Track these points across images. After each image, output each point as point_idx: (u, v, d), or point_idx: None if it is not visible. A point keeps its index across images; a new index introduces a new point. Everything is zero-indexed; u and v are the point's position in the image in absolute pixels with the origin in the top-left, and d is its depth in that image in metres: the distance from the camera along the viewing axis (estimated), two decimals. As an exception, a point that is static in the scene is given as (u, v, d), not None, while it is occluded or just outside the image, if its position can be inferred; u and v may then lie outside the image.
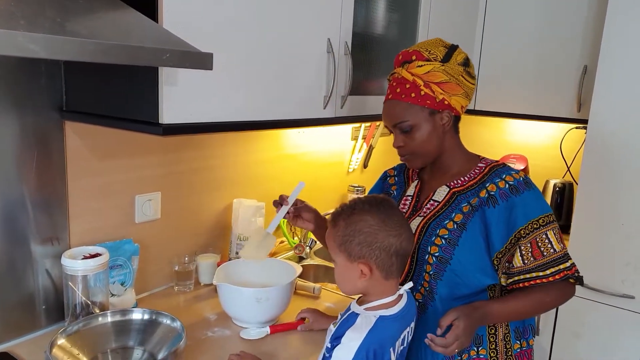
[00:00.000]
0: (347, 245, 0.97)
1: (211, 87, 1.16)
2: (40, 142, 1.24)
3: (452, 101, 1.14)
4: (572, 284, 1.12)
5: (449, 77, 1.12)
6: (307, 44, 1.40)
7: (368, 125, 2.28)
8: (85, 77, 1.24)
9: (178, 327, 1.20)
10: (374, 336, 0.94)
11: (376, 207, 0.98)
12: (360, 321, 0.96)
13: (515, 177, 1.12)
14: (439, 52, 1.14)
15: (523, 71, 2.16)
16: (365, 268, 0.96)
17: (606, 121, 1.80)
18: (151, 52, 0.87)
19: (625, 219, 1.79)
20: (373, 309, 0.98)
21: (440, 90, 1.12)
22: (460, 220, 1.12)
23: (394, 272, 0.99)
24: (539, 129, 2.47)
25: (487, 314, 1.07)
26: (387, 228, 0.96)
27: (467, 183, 1.16)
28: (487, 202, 1.11)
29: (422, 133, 1.14)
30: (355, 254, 0.96)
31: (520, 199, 1.10)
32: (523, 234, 1.08)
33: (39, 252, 1.28)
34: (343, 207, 1.01)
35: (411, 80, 1.13)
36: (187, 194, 1.62)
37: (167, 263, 1.58)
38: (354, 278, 0.98)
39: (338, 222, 0.99)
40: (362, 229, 0.96)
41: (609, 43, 1.77)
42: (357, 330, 0.95)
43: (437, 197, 1.18)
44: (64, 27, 0.79)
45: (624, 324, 1.83)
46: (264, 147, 1.84)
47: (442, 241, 1.11)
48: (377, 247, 0.95)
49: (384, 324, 0.96)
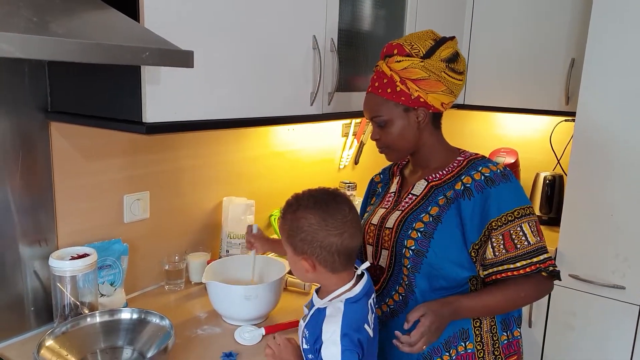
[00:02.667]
0: (292, 240, 0.98)
1: (195, 85, 1.16)
2: (25, 143, 1.24)
3: (429, 98, 1.13)
4: (546, 278, 1.11)
5: (428, 73, 1.11)
6: (293, 41, 1.40)
7: (358, 122, 2.28)
8: (69, 78, 1.24)
9: (167, 325, 1.21)
10: (348, 320, 0.95)
11: (319, 204, 0.97)
12: (330, 311, 0.97)
13: (492, 169, 1.12)
14: (423, 46, 1.12)
15: (511, 65, 2.17)
16: (307, 264, 0.98)
17: (594, 113, 1.81)
18: (130, 50, 0.87)
19: (614, 210, 1.80)
20: (337, 297, 0.99)
21: (415, 87, 1.12)
22: (436, 213, 1.12)
23: (339, 268, 0.98)
24: (529, 123, 2.48)
25: (457, 310, 1.07)
26: (327, 227, 0.95)
27: (445, 176, 1.16)
28: (463, 194, 1.11)
29: (395, 128, 1.15)
30: (299, 249, 0.98)
31: (495, 190, 1.09)
32: (495, 225, 1.08)
33: (27, 253, 1.28)
34: (292, 199, 1.01)
35: (389, 75, 1.13)
36: (176, 193, 1.62)
37: (157, 262, 1.58)
38: (302, 270, 1.00)
39: (286, 216, 1.00)
40: (303, 227, 0.96)
41: (596, 36, 1.77)
42: (331, 321, 0.95)
43: (416, 191, 1.18)
44: (40, 27, 0.78)
45: (615, 314, 1.83)
46: (253, 145, 1.84)
47: (418, 234, 1.12)
48: (318, 246, 0.95)
49: (352, 307, 0.97)
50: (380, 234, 1.19)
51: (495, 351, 1.16)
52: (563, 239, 1.92)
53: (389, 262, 1.17)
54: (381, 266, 1.18)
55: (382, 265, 1.18)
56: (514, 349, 1.18)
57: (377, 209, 1.25)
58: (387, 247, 1.17)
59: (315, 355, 0.97)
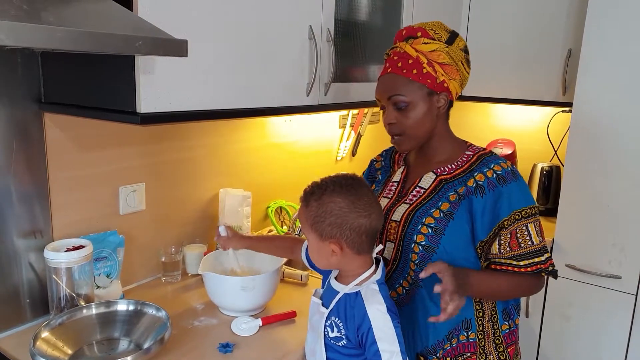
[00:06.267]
0: (319, 225, 0.99)
1: (190, 75, 1.15)
2: (19, 134, 1.23)
3: (451, 85, 1.12)
4: (543, 276, 1.13)
5: (451, 60, 1.10)
6: (289, 30, 1.39)
7: (356, 113, 2.28)
8: (63, 68, 1.23)
9: (163, 316, 1.21)
10: (386, 298, 0.99)
11: (346, 188, 0.99)
12: (366, 293, 1.00)
13: (503, 167, 1.11)
14: (443, 34, 1.12)
15: (508, 56, 2.16)
16: (336, 247, 0.99)
17: (590, 104, 1.80)
18: (123, 39, 0.86)
19: (610, 201, 1.80)
20: (364, 281, 1.01)
21: (442, 72, 1.10)
22: (447, 209, 1.11)
23: (365, 249, 1.01)
24: (526, 113, 2.47)
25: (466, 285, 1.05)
26: (356, 209, 0.97)
27: (455, 171, 1.14)
28: (475, 191, 1.10)
29: (417, 113, 1.11)
30: (327, 234, 0.99)
31: (506, 189, 1.09)
32: (506, 224, 1.08)
33: (22, 245, 1.27)
34: (314, 187, 1.02)
35: (414, 56, 1.10)
36: (172, 184, 1.61)
37: (153, 254, 1.58)
38: (327, 255, 1.01)
39: (310, 203, 1.00)
40: (333, 210, 0.97)
41: (593, 26, 1.77)
42: (374, 301, 0.98)
43: (424, 184, 1.16)
44: (31, 15, 0.77)
45: (612, 303, 1.84)
46: (250, 136, 1.83)
47: (429, 230, 1.10)
48: (348, 228, 0.97)
49: (383, 287, 1.02)
50: (385, 225, 1.17)
51: (497, 340, 1.16)
52: (560, 230, 1.92)
53: (394, 255, 1.16)
54: (385, 258, 1.17)
55: (387, 257, 1.17)
56: (514, 338, 1.18)
57: (379, 199, 1.23)
58: (393, 240, 1.16)
59: (356, 340, 0.99)
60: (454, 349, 1.14)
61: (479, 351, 1.14)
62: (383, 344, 0.95)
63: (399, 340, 0.96)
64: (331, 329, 1.03)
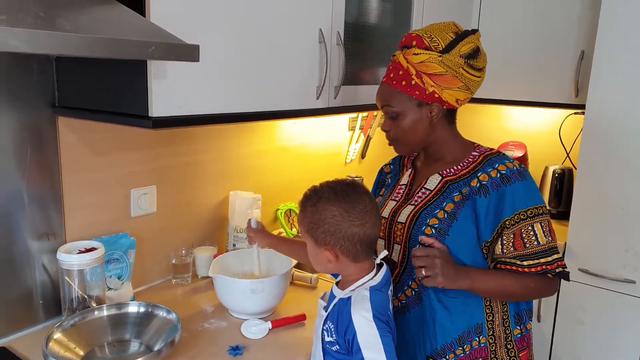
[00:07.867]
0: (314, 232, 0.99)
1: (201, 79, 1.16)
2: (33, 138, 1.25)
3: (444, 95, 1.11)
4: (552, 279, 1.10)
5: (445, 69, 1.09)
6: (299, 34, 1.39)
7: (365, 116, 2.27)
8: (76, 73, 1.24)
9: (174, 319, 1.21)
10: (375, 305, 0.97)
11: (342, 196, 0.98)
12: (356, 298, 0.98)
13: (509, 166, 1.10)
14: (443, 40, 1.10)
15: (520, 58, 2.14)
16: (331, 255, 0.99)
17: (604, 106, 1.79)
18: (136, 45, 0.87)
19: (624, 204, 1.78)
20: (361, 286, 1.00)
21: (431, 83, 1.10)
22: (451, 210, 1.11)
23: (360, 257, 1.00)
24: (538, 115, 2.45)
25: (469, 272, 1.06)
26: (350, 218, 0.97)
27: (460, 172, 1.14)
28: (479, 191, 1.09)
29: (407, 122, 1.14)
30: (321, 241, 0.99)
31: (510, 188, 1.08)
32: (508, 224, 1.07)
33: (35, 247, 1.29)
34: (311, 192, 1.02)
35: (405, 67, 1.11)
36: (183, 187, 1.62)
37: (164, 256, 1.59)
38: (324, 261, 1.01)
39: (306, 209, 1.01)
40: (326, 218, 0.97)
41: (606, 28, 1.75)
42: (360, 307, 0.96)
43: (429, 186, 1.17)
44: (47, 22, 0.78)
45: (626, 308, 1.82)
46: (259, 139, 1.83)
47: (433, 231, 1.10)
48: (341, 237, 0.97)
49: (376, 294, 0.99)
50: (392, 227, 1.18)
51: (508, 345, 1.15)
52: (572, 233, 1.90)
53: (401, 257, 1.16)
54: (393, 260, 1.17)
55: (394, 260, 1.17)
56: (526, 343, 1.17)
57: (387, 201, 1.24)
58: (399, 242, 1.16)
59: (345, 346, 0.98)
60: (467, 355, 1.13)
61: (491, 356, 1.13)
62: (368, 352, 0.93)
63: (385, 350, 0.93)
64: (327, 334, 1.03)
